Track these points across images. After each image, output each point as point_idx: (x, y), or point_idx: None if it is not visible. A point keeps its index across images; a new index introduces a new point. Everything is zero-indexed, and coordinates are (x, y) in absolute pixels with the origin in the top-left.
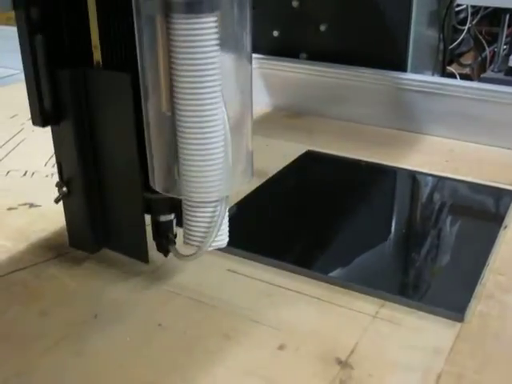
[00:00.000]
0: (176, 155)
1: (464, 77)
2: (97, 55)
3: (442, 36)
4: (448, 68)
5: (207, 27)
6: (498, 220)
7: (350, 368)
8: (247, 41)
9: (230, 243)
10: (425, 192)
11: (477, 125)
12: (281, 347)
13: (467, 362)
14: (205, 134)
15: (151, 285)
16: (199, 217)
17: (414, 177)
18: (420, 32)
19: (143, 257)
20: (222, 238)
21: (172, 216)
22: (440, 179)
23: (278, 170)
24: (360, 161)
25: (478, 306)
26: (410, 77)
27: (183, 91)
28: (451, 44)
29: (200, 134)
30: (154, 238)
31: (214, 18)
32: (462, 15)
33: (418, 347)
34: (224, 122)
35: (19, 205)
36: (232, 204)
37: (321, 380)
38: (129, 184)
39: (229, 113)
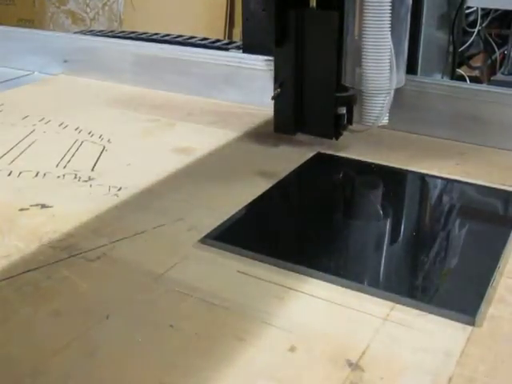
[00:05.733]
0: (361, 63)
1: (473, 79)
2: (313, 1)
3: (451, 38)
4: (458, 70)
5: None
6: (508, 223)
7: (361, 370)
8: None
9: (240, 244)
10: (435, 195)
11: (487, 128)
12: (292, 349)
13: (478, 365)
14: (379, 49)
15: (162, 286)
16: (375, 102)
17: (424, 180)
18: (430, 35)
19: (329, 135)
20: (386, 118)
21: (345, 110)
22: (451, 182)
23: (289, 171)
24: (370, 163)
25: (489, 310)
26: (420, 79)
27: (369, 23)
28: (461, 46)
29: (377, 49)
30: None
31: None
32: (471, 18)
33: (428, 350)
34: (390, 43)
35: (31, 205)
36: (242, 206)
37: (332, 382)
38: (326, 86)
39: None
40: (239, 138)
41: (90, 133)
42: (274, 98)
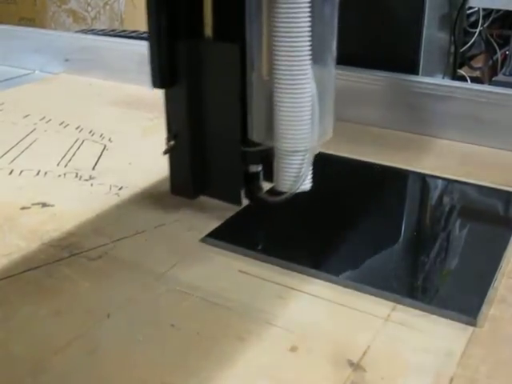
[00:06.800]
0: (273, 112)
1: (475, 80)
2: (208, 30)
3: (453, 39)
4: (459, 71)
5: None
6: (510, 224)
7: (363, 370)
8: (334, 11)
9: (241, 244)
10: (437, 195)
11: (489, 128)
12: (293, 349)
13: (479, 365)
14: (296, 95)
15: (163, 285)
16: (290, 162)
17: (426, 180)
18: (432, 35)
19: (237, 200)
20: (307, 182)
21: (260, 167)
22: (452, 183)
23: None
24: (372, 163)
25: (490, 310)
26: (421, 80)
27: (281, 58)
28: (462, 47)
29: (292, 94)
30: (244, 187)
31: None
32: (473, 18)
33: (430, 350)
34: (312, 83)
35: (32, 204)
36: (243, 206)
37: (333, 382)
38: (229, 139)
39: (315, 76)
40: None
41: (90, 132)
42: (166, 152)
